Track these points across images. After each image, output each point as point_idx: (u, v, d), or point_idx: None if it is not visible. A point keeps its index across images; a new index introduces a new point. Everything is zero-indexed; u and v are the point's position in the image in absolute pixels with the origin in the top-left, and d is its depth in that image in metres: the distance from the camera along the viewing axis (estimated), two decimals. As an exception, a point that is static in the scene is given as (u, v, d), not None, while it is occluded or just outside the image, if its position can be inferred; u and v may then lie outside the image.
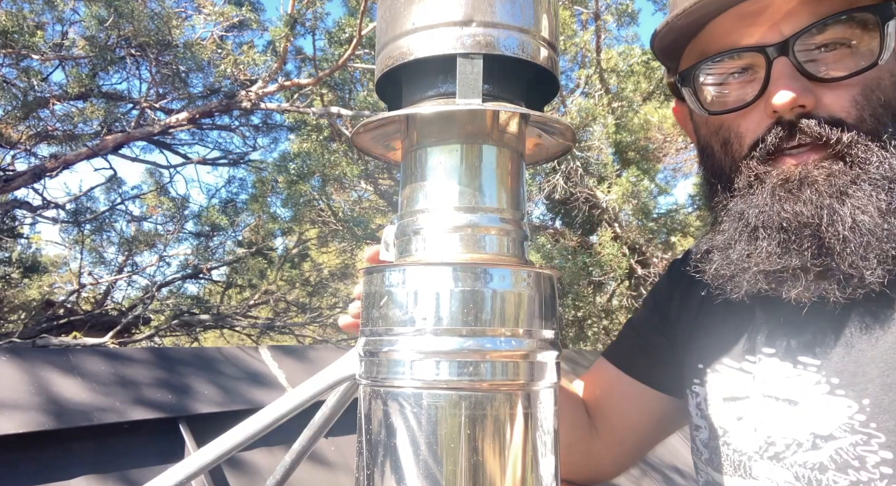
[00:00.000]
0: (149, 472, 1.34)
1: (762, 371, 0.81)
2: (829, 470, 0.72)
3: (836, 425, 0.72)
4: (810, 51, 0.72)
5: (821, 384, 0.75)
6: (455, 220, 0.55)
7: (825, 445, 0.73)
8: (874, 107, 0.72)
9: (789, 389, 0.77)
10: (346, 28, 4.74)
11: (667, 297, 1.02)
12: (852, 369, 0.73)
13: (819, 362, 0.75)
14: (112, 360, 1.53)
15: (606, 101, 5.26)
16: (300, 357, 1.95)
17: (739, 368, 0.85)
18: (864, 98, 0.72)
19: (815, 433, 0.74)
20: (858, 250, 0.68)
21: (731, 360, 0.86)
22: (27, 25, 3.74)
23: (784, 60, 0.72)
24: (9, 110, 4.10)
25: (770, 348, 0.81)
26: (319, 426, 0.68)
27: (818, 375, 0.75)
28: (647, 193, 5.33)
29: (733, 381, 0.85)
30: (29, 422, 1.25)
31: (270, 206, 5.36)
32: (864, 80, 0.72)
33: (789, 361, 0.78)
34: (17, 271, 5.43)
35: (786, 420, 0.77)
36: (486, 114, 0.55)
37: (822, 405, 0.74)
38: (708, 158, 0.85)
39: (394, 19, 0.56)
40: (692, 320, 0.95)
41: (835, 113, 0.72)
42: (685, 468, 2.65)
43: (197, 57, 4.22)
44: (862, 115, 0.72)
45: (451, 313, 0.50)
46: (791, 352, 0.78)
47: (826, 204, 0.70)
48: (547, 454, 0.53)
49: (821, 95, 0.72)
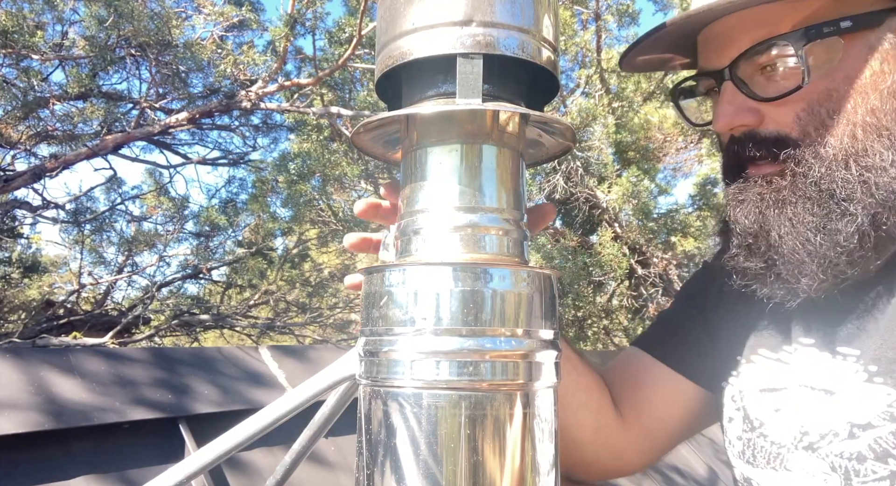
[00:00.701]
0: (149, 472, 1.34)
1: (799, 361, 0.82)
2: (868, 460, 0.72)
3: (874, 413, 0.72)
4: (754, 73, 0.77)
5: (859, 373, 0.75)
6: (455, 220, 0.55)
7: (863, 434, 0.73)
8: (822, 119, 0.74)
9: (827, 379, 0.78)
10: (346, 28, 4.74)
11: (701, 289, 1.03)
12: (891, 355, 0.73)
13: (859, 352, 0.76)
14: (112, 360, 1.53)
15: (607, 101, 5.26)
16: (300, 357, 1.95)
17: (777, 358, 0.85)
18: (807, 114, 0.75)
19: (851, 422, 0.74)
20: (792, 258, 0.73)
21: (768, 351, 0.86)
22: (27, 25, 3.74)
23: (728, 84, 0.78)
24: (9, 110, 4.10)
25: (808, 339, 0.82)
26: (319, 426, 0.68)
27: (857, 364, 0.75)
28: (648, 193, 5.33)
29: (770, 372, 0.85)
30: (29, 422, 1.25)
31: (270, 206, 5.37)
32: (808, 95, 0.74)
33: (828, 351, 0.79)
34: (17, 271, 5.43)
35: (821, 410, 0.77)
36: (486, 114, 0.55)
37: (860, 393, 0.74)
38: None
39: (393, 19, 0.56)
40: (728, 312, 0.95)
41: (781, 128, 0.76)
42: (685, 469, 2.65)
43: (197, 57, 4.23)
44: (806, 129, 0.75)
45: (451, 312, 0.50)
46: (830, 342, 0.79)
47: (763, 216, 0.76)
48: (547, 453, 0.53)
49: (767, 111, 0.77)
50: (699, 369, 0.98)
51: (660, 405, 1.00)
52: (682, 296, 1.09)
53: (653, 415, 1.00)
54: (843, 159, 0.72)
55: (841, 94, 0.73)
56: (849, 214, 0.71)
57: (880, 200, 0.70)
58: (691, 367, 0.99)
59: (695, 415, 1.01)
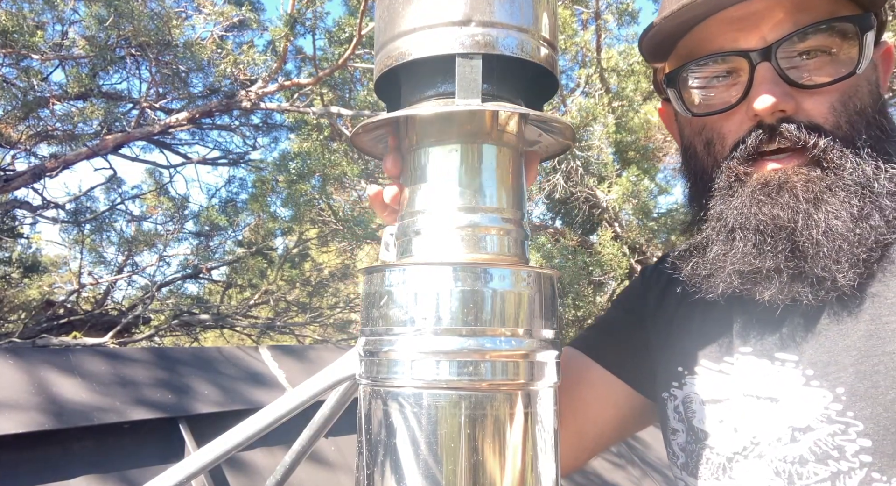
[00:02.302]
0: (149, 472, 1.34)
1: (741, 371, 0.81)
2: (810, 462, 0.72)
3: (813, 416, 0.73)
4: (792, 58, 0.75)
5: (798, 378, 0.75)
6: (455, 220, 0.55)
7: (803, 437, 0.73)
8: (850, 114, 0.74)
9: (769, 386, 0.78)
10: (346, 27, 4.75)
11: (640, 299, 1.02)
12: (825, 359, 0.73)
13: (797, 357, 0.76)
14: (112, 360, 1.53)
15: (607, 100, 5.26)
16: (300, 357, 1.95)
17: (719, 370, 0.85)
18: (841, 105, 0.74)
19: (793, 426, 0.74)
20: (831, 253, 0.71)
21: (709, 362, 0.86)
22: (27, 25, 3.74)
23: (767, 66, 0.74)
24: (9, 110, 4.10)
25: (746, 347, 0.81)
26: (319, 426, 0.68)
27: (797, 370, 0.76)
28: (647, 193, 5.33)
29: (713, 383, 0.84)
30: (29, 422, 1.25)
31: (270, 205, 5.37)
32: (842, 87, 0.74)
33: (766, 358, 0.79)
34: (17, 271, 5.43)
35: (766, 418, 0.77)
36: (485, 114, 0.55)
37: (799, 397, 0.74)
38: (691, 159, 0.87)
39: (392, 19, 0.56)
40: (668, 322, 0.95)
41: (813, 118, 0.74)
42: (685, 468, 2.65)
43: (197, 57, 4.22)
44: (839, 121, 0.74)
45: (452, 312, 0.50)
46: (767, 349, 0.79)
47: (802, 209, 0.72)
48: (547, 453, 0.53)
49: (801, 100, 0.75)
50: (636, 374, 0.98)
51: (595, 406, 0.99)
52: (620, 303, 1.08)
53: (587, 416, 0.99)
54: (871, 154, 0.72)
55: (863, 91, 0.74)
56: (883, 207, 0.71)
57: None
58: (628, 371, 0.98)
59: (627, 418, 1.00)
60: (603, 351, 1.01)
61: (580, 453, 1.02)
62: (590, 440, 1.01)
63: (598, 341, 1.03)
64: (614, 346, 1.01)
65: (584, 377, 1.00)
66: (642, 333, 0.99)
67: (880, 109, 0.77)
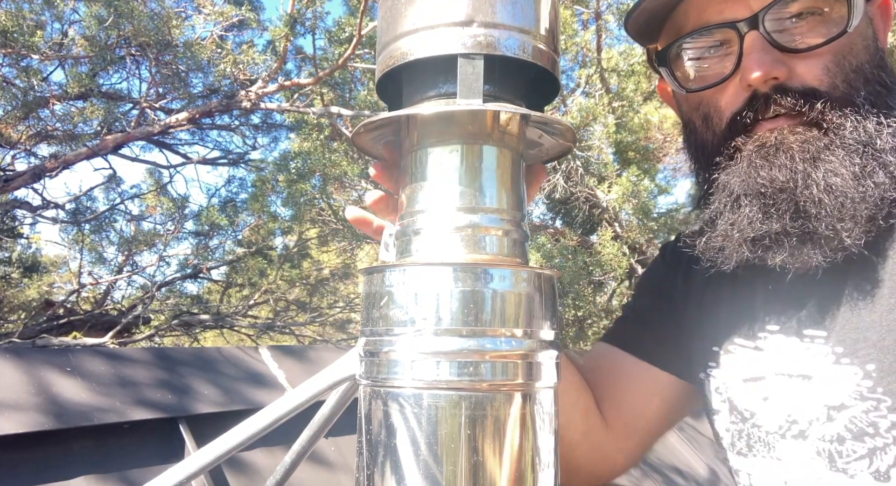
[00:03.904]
0: (149, 472, 1.34)
1: (771, 349, 0.81)
2: (847, 440, 0.72)
3: (846, 393, 0.73)
4: (781, 22, 0.74)
5: (828, 356, 0.75)
6: (455, 220, 0.55)
7: (839, 415, 0.73)
8: (846, 73, 0.73)
9: (801, 364, 0.77)
10: (346, 27, 4.74)
11: (666, 280, 1.01)
12: (854, 336, 0.73)
13: (825, 334, 0.76)
14: (112, 360, 1.53)
15: (607, 100, 5.26)
16: (300, 357, 1.95)
17: (754, 346, 0.84)
18: (835, 65, 0.73)
19: (827, 404, 0.74)
20: (834, 212, 0.70)
21: (743, 339, 0.85)
22: (27, 25, 3.74)
23: (755, 34, 0.74)
24: (9, 110, 4.10)
25: (774, 326, 0.81)
26: (319, 426, 0.68)
27: (826, 346, 0.75)
28: (647, 193, 5.33)
29: (750, 360, 0.84)
30: (29, 422, 1.25)
31: (270, 205, 5.36)
32: (836, 47, 0.73)
33: (795, 335, 0.78)
34: (17, 271, 5.43)
35: (801, 396, 0.77)
36: (486, 114, 0.55)
37: (831, 375, 0.74)
38: (691, 134, 0.87)
39: (395, 19, 0.56)
40: (699, 301, 0.93)
41: (808, 82, 0.74)
42: (685, 469, 2.65)
43: (197, 57, 4.22)
44: (834, 81, 0.73)
45: (452, 313, 0.50)
46: (795, 326, 0.79)
47: (800, 169, 0.72)
48: (547, 453, 0.53)
49: (794, 65, 0.74)
50: (673, 360, 0.96)
51: (637, 399, 0.98)
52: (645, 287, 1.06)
53: (632, 411, 0.98)
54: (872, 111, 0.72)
55: (858, 48, 0.74)
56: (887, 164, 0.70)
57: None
58: (664, 357, 0.96)
59: (672, 405, 0.99)
60: (637, 342, 0.99)
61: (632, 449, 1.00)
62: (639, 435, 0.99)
63: (631, 333, 1.01)
64: (648, 334, 0.99)
65: (622, 371, 0.98)
66: (674, 315, 0.97)
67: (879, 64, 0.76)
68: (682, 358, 0.95)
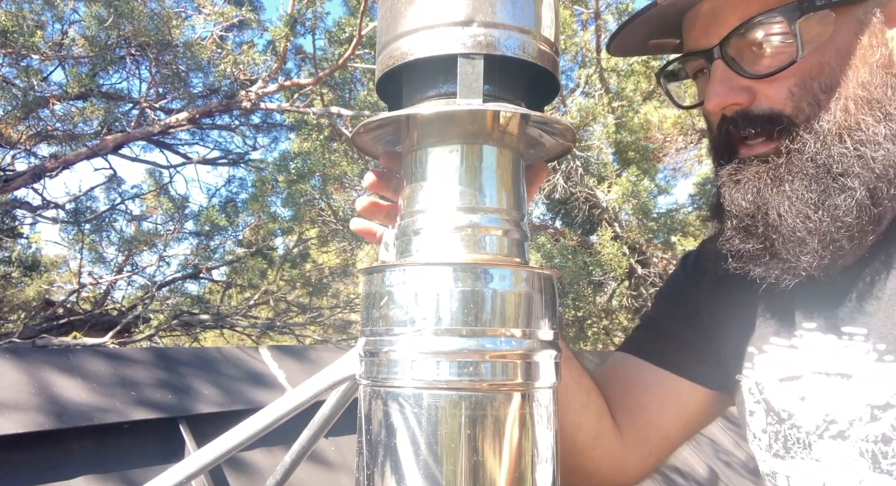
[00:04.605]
0: (149, 472, 1.34)
1: (808, 347, 0.80)
2: (893, 441, 0.71)
3: (891, 392, 0.71)
4: (744, 49, 0.76)
5: (869, 353, 0.74)
6: (455, 220, 0.55)
7: (884, 415, 0.72)
8: (815, 94, 0.73)
9: (840, 362, 0.76)
10: (346, 28, 4.75)
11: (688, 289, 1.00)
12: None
13: (865, 331, 0.75)
14: (112, 360, 1.53)
15: (606, 100, 5.26)
16: (300, 357, 1.95)
17: (790, 345, 0.83)
18: (800, 89, 0.74)
19: (871, 404, 0.73)
20: (791, 237, 0.72)
21: (779, 338, 0.84)
22: (27, 25, 3.74)
23: (719, 63, 0.76)
24: (9, 110, 4.10)
25: (810, 323, 0.80)
26: (319, 426, 0.68)
27: (867, 344, 0.74)
28: (647, 193, 5.33)
29: (786, 359, 0.83)
30: (29, 422, 1.25)
31: (270, 205, 5.36)
32: (801, 70, 0.73)
33: (833, 333, 0.78)
34: (17, 271, 5.43)
35: (842, 395, 0.76)
36: (486, 114, 0.55)
37: (874, 373, 0.73)
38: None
39: (394, 19, 0.56)
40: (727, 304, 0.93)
41: (773, 106, 0.75)
42: (685, 468, 2.65)
43: (197, 57, 4.23)
44: (799, 105, 0.74)
45: (452, 313, 0.50)
46: (833, 323, 0.78)
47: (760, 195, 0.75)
48: (547, 454, 0.53)
49: (760, 89, 0.75)
50: (697, 368, 0.95)
51: (654, 408, 0.97)
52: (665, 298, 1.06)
53: (648, 420, 0.97)
54: (837, 134, 0.71)
55: (832, 68, 0.73)
56: (847, 188, 0.70)
57: (879, 174, 0.70)
58: (683, 364, 0.96)
59: (693, 415, 0.98)
60: (656, 351, 0.98)
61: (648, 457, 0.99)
62: (655, 444, 0.99)
63: (650, 342, 1.01)
64: (668, 343, 0.98)
65: (639, 381, 0.98)
66: (698, 322, 0.97)
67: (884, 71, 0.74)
68: (707, 366, 0.95)
